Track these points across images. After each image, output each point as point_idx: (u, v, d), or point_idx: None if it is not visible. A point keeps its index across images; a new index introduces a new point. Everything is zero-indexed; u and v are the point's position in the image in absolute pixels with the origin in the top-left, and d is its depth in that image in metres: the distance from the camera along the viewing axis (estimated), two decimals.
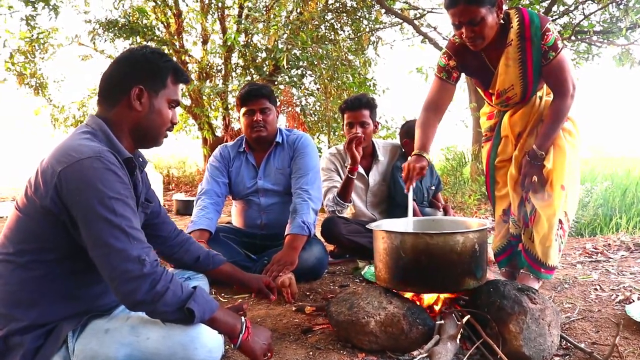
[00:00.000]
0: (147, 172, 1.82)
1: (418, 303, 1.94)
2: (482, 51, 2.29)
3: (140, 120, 1.58)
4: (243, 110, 2.92)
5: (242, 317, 1.61)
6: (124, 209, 1.40)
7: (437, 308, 1.94)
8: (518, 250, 2.53)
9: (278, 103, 3.18)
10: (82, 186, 1.38)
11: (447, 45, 2.42)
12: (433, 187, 3.67)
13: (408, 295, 1.96)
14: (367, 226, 2.07)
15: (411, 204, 2.17)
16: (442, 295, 1.97)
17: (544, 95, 2.42)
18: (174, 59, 9.21)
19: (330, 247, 3.46)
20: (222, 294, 2.56)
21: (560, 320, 1.94)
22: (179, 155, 12.93)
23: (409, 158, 2.29)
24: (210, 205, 2.86)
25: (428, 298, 1.98)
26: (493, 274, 2.42)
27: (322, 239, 3.23)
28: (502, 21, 2.21)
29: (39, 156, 1.56)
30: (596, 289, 2.55)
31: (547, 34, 2.19)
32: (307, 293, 2.55)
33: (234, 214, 3.15)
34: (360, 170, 3.41)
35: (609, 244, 3.61)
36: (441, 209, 3.64)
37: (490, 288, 1.85)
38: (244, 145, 3.05)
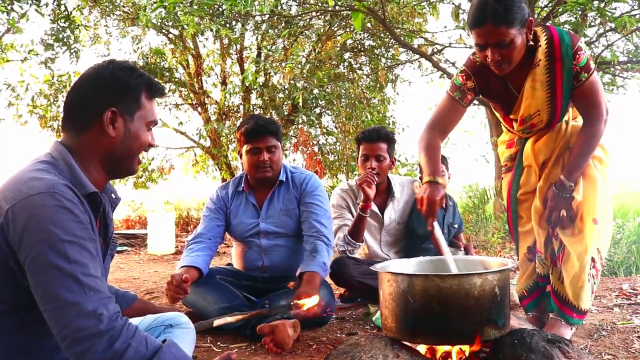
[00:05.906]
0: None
1: (430, 356, 1.70)
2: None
3: (115, 147, 1.39)
4: (247, 147, 2.70)
5: None
6: (79, 254, 1.20)
7: None
8: (546, 292, 2.28)
9: (294, 141, 3.00)
10: (31, 227, 1.18)
11: (467, 63, 2.19)
12: (456, 226, 3.47)
13: (419, 347, 1.72)
14: (371, 267, 1.83)
15: (442, 238, 1.93)
16: (458, 348, 1.71)
17: (570, 119, 2.20)
18: (194, 101, 9.40)
19: (340, 290, 3.23)
20: (218, 343, 2.33)
21: None
22: (199, 196, 12.86)
23: (422, 187, 2.03)
24: (200, 249, 2.67)
25: (441, 351, 1.73)
26: (518, 320, 2.16)
27: (331, 282, 3.00)
28: (530, 42, 2.01)
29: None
30: None
31: (579, 53, 1.99)
32: (310, 342, 2.30)
33: (234, 256, 2.95)
34: (374, 208, 3.19)
35: None
36: (462, 249, 3.41)
37: (515, 339, 1.61)
38: (243, 184, 2.84)
